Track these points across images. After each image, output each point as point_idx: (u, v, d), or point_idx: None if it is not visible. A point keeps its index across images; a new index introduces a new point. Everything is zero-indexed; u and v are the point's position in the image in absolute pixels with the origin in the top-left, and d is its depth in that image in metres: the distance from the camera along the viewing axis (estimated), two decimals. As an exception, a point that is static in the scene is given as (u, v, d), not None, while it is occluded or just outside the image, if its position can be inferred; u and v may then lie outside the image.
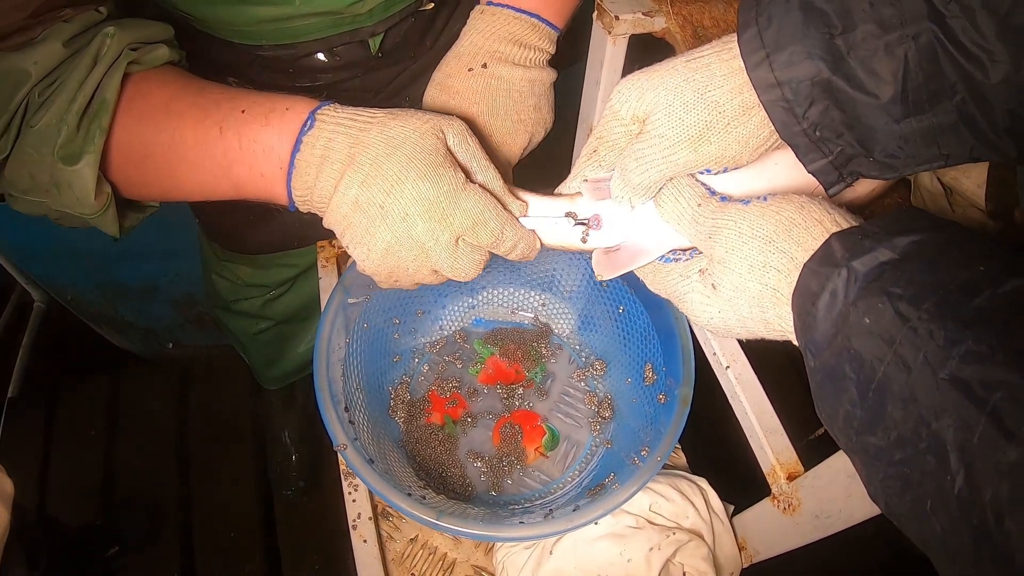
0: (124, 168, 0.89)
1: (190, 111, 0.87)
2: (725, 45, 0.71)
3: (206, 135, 0.86)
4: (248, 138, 0.84)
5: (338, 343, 1.09)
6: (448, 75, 1.02)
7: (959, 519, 0.47)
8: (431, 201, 0.80)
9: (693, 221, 0.75)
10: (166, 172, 0.90)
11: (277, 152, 0.84)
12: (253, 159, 0.85)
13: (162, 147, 0.87)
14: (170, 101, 0.88)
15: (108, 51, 0.85)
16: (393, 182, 0.79)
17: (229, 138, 0.85)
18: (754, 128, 0.71)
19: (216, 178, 0.88)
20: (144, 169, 0.90)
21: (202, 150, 0.86)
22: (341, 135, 0.82)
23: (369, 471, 0.95)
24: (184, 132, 0.86)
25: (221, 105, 0.87)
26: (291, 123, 0.83)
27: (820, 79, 0.64)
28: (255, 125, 0.84)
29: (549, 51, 1.05)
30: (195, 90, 0.90)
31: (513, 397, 1.27)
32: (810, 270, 0.61)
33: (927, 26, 0.58)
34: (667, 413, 1.02)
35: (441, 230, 0.81)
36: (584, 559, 1.01)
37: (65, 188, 0.85)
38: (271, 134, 0.84)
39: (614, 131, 0.78)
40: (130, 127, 0.87)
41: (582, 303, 1.32)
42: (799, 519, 0.95)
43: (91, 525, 2.31)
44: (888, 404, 0.53)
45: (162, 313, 2.52)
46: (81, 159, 0.83)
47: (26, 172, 0.85)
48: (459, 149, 0.85)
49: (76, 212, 0.87)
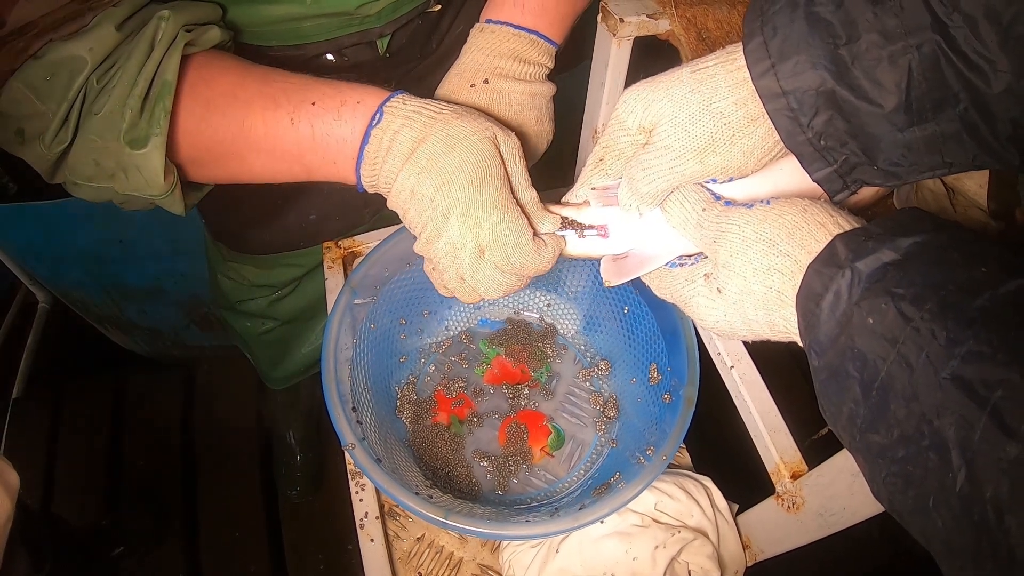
0: (192, 152, 0.93)
1: (258, 99, 0.91)
2: (730, 56, 0.71)
3: (277, 125, 0.90)
4: (321, 131, 0.89)
5: (345, 343, 1.09)
6: (451, 91, 1.03)
7: (960, 516, 0.48)
8: (469, 204, 0.83)
9: (698, 226, 0.75)
10: (236, 158, 0.94)
11: (350, 143, 0.89)
12: (326, 150, 0.90)
13: (231, 134, 0.91)
14: (235, 88, 0.91)
15: (164, 34, 0.87)
16: (444, 179, 0.83)
17: (302, 129, 0.89)
18: (759, 139, 0.71)
19: (289, 165, 0.93)
20: (214, 154, 0.94)
21: (273, 139, 0.91)
22: (407, 128, 0.86)
23: (377, 470, 0.95)
24: (254, 120, 0.90)
25: (291, 96, 0.90)
26: (362, 116, 0.88)
27: (825, 89, 0.64)
28: (328, 118, 0.89)
29: (548, 66, 1.06)
30: (259, 77, 0.93)
31: (519, 397, 1.27)
32: (814, 271, 0.62)
33: (930, 36, 0.59)
34: (672, 413, 1.03)
35: (469, 236, 0.84)
36: (590, 557, 1.02)
37: (133, 172, 0.87)
38: (343, 127, 0.89)
39: (620, 141, 0.79)
40: (196, 113, 0.90)
41: (587, 303, 1.33)
42: (803, 518, 0.95)
43: (96, 525, 2.31)
44: (891, 402, 0.53)
45: (167, 314, 2.52)
46: (148, 142, 0.86)
47: (91, 159, 0.87)
48: (509, 163, 0.88)
49: (144, 194, 0.89)
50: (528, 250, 0.85)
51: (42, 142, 0.86)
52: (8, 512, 1.03)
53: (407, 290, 1.24)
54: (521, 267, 0.86)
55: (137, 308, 2.47)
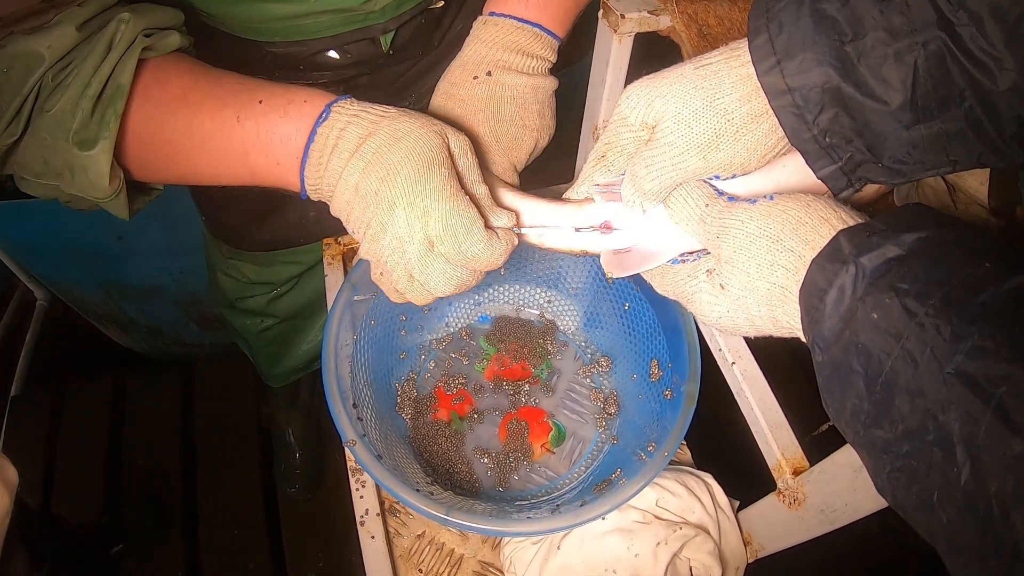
0: (140, 153, 0.91)
1: (208, 100, 0.89)
2: (733, 52, 0.71)
3: (223, 124, 0.88)
4: (266, 128, 0.87)
5: (345, 340, 1.09)
6: (453, 84, 1.03)
7: (965, 511, 0.48)
8: (415, 194, 0.81)
9: (701, 221, 0.75)
10: (184, 158, 0.91)
11: (294, 142, 0.86)
12: (270, 148, 0.87)
13: (179, 134, 0.89)
14: (187, 90, 0.90)
15: (123, 37, 0.86)
16: (389, 170, 0.81)
17: (247, 127, 0.87)
18: (762, 135, 0.71)
19: (233, 164, 0.90)
20: (161, 155, 0.92)
21: (220, 138, 0.89)
22: (353, 126, 0.84)
23: (378, 467, 0.95)
24: (202, 120, 0.88)
25: (239, 95, 0.89)
26: (308, 115, 0.86)
27: (830, 86, 0.64)
28: (274, 116, 0.87)
29: (551, 60, 1.06)
30: (212, 79, 0.92)
31: (519, 394, 1.27)
32: (818, 266, 0.62)
33: (936, 34, 0.59)
34: (673, 409, 1.03)
35: (417, 227, 0.81)
36: (591, 554, 1.02)
37: (79, 172, 0.85)
38: (289, 125, 0.86)
39: (623, 137, 0.79)
40: (147, 114, 0.89)
41: (588, 300, 1.33)
42: (804, 514, 0.95)
43: (96, 523, 2.31)
44: (895, 398, 0.53)
45: (166, 312, 2.52)
46: (96, 144, 0.84)
47: (40, 156, 0.86)
48: (459, 158, 0.87)
49: (89, 196, 0.88)
50: (480, 239, 0.82)
51: None
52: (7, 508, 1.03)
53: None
54: (472, 258, 0.83)
55: (136, 306, 2.47)
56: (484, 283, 1.32)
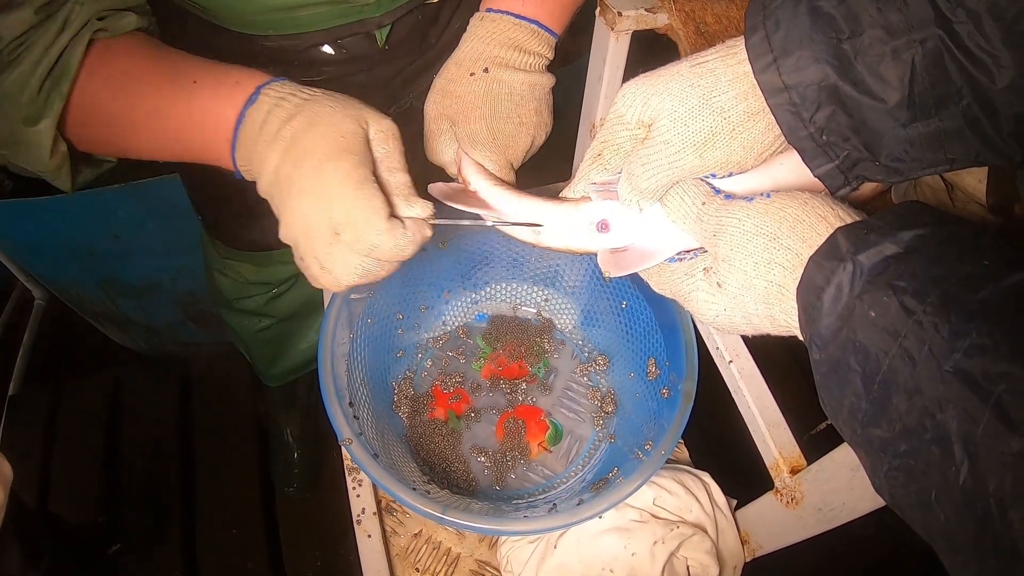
0: (82, 129, 0.93)
1: (147, 80, 0.91)
2: (730, 50, 0.71)
3: (159, 104, 0.91)
4: (199, 109, 0.89)
5: (342, 338, 1.09)
6: (450, 80, 1.03)
7: (963, 510, 0.48)
8: (321, 181, 0.81)
9: (698, 220, 0.75)
10: (123, 135, 0.94)
11: (224, 124, 0.88)
12: (202, 130, 0.90)
13: (119, 113, 0.91)
14: (129, 69, 0.92)
15: (76, 19, 0.87)
16: (301, 155, 0.82)
17: (180, 108, 0.90)
18: (759, 134, 0.71)
19: (169, 143, 0.94)
20: (103, 132, 0.94)
21: (156, 118, 0.91)
22: (279, 109, 0.86)
23: (374, 465, 0.95)
24: (140, 99, 0.91)
25: (176, 75, 0.91)
26: (238, 97, 0.88)
27: (827, 83, 0.64)
28: (205, 97, 0.89)
29: (548, 56, 1.06)
30: (155, 58, 0.93)
31: (516, 392, 1.27)
32: (815, 264, 0.62)
33: (934, 31, 0.58)
34: (670, 408, 1.03)
35: (320, 215, 0.82)
36: (588, 553, 1.01)
37: (24, 146, 0.89)
38: (219, 106, 0.88)
39: (619, 135, 0.78)
40: (91, 92, 0.90)
41: (585, 298, 1.32)
42: (802, 513, 0.95)
43: (93, 522, 2.30)
44: (893, 396, 0.53)
45: (163, 310, 2.51)
46: (40, 122, 0.87)
47: None
48: (378, 145, 0.87)
49: (33, 169, 0.92)
50: (380, 229, 0.81)
51: None
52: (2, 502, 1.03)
53: (404, 285, 1.24)
54: (373, 248, 0.82)
55: (133, 304, 2.47)
56: (481, 281, 1.32)
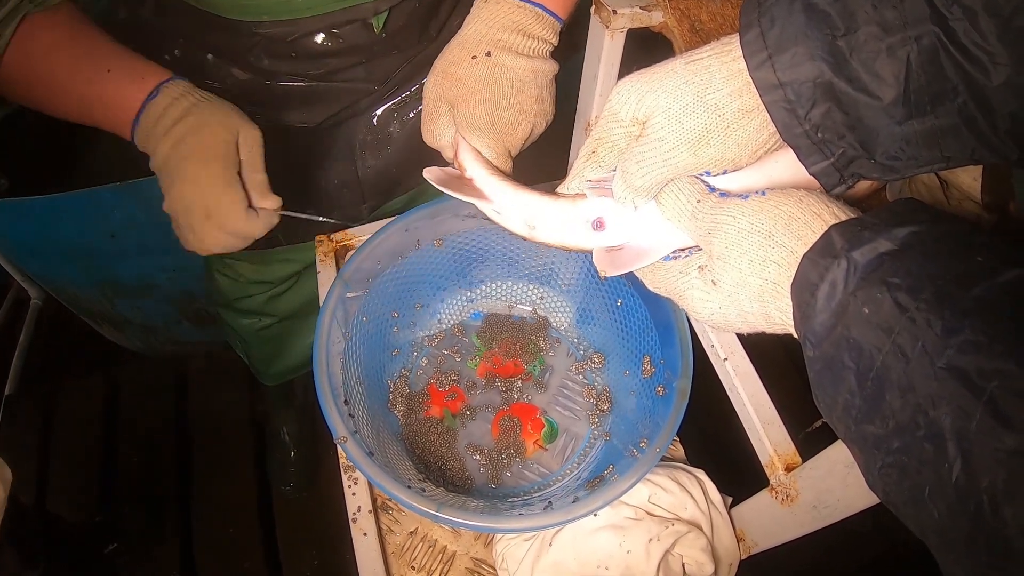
0: (10, 90, 1.10)
1: (67, 58, 1.08)
2: (724, 47, 0.70)
3: (74, 82, 1.08)
4: (110, 95, 1.08)
5: (337, 337, 1.09)
6: (451, 62, 1.02)
7: (956, 507, 0.48)
8: (200, 178, 1.04)
9: (693, 217, 0.75)
10: (44, 101, 1.12)
11: (128, 110, 1.07)
12: (111, 111, 1.08)
13: (41, 83, 1.09)
14: (52, 46, 1.08)
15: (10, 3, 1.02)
16: (186, 154, 1.04)
17: (94, 90, 1.08)
18: (753, 131, 0.71)
19: (82, 115, 1.12)
20: (26, 95, 1.12)
21: (71, 93, 1.09)
22: (173, 108, 1.06)
23: (369, 463, 0.95)
24: (59, 75, 1.08)
25: (93, 59, 1.09)
26: (143, 90, 1.07)
27: (822, 80, 0.63)
28: (116, 86, 1.08)
29: (552, 42, 1.04)
30: (76, 38, 1.10)
31: (512, 390, 1.27)
32: (809, 261, 0.61)
33: (929, 28, 0.58)
34: (665, 405, 1.03)
35: (197, 201, 1.05)
36: (583, 551, 1.01)
37: None
38: (126, 96, 1.07)
39: (613, 132, 0.78)
40: (17, 62, 1.07)
41: (580, 296, 1.32)
42: (797, 510, 0.95)
43: (90, 522, 2.31)
44: (886, 393, 0.53)
45: (160, 309, 2.50)
46: None
47: None
48: (244, 148, 1.09)
49: None
50: (240, 218, 1.06)
51: None
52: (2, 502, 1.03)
53: (399, 283, 1.24)
54: (234, 230, 1.07)
55: (129, 304, 2.46)
56: (476, 279, 1.32)
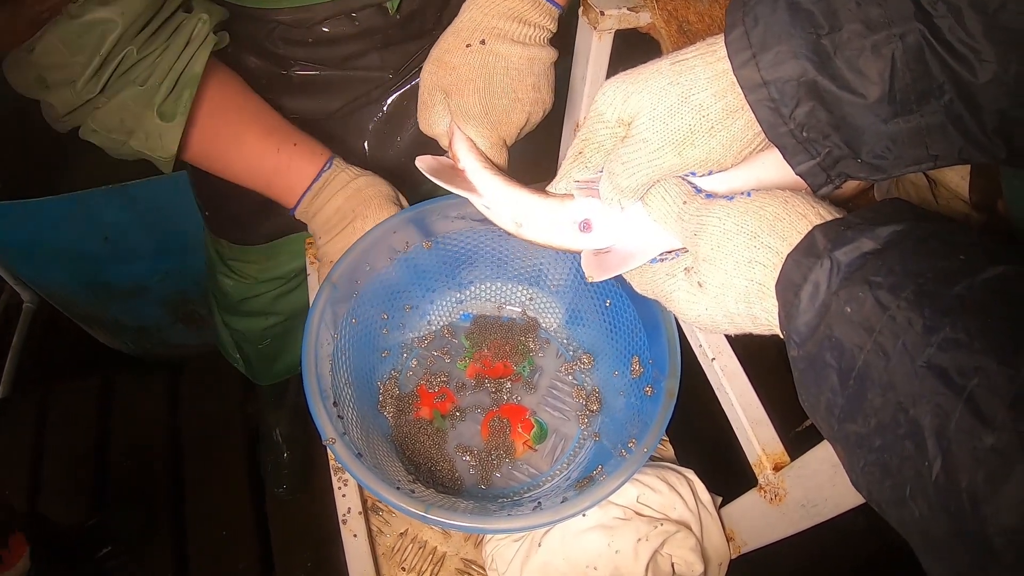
0: (194, 138, 1.18)
1: (256, 123, 1.23)
2: (710, 47, 0.70)
3: (265, 147, 1.23)
4: (296, 163, 1.24)
5: (326, 338, 1.09)
6: (445, 51, 1.01)
7: (937, 506, 0.48)
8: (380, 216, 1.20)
9: (679, 219, 0.75)
10: (221, 156, 1.23)
11: (305, 178, 1.23)
12: (290, 175, 1.24)
13: (226, 138, 1.21)
14: (240, 107, 1.22)
15: (199, 33, 1.11)
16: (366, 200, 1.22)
17: (282, 158, 1.23)
18: (738, 131, 0.70)
19: (256, 176, 1.25)
20: (208, 146, 1.22)
21: (257, 155, 1.23)
22: (345, 173, 1.24)
23: (358, 465, 0.95)
24: (248, 137, 1.22)
25: (280, 131, 1.25)
26: (318, 163, 1.25)
27: (806, 79, 0.63)
28: (300, 157, 1.24)
29: (550, 29, 1.04)
30: (259, 106, 1.25)
31: (501, 391, 1.27)
32: (793, 261, 0.61)
33: (914, 26, 0.58)
34: (653, 405, 1.02)
35: None
36: (572, 551, 1.01)
37: (154, 136, 1.11)
38: (305, 166, 1.24)
39: (599, 133, 0.78)
40: (211, 113, 1.18)
41: (569, 297, 1.32)
42: (786, 509, 0.95)
43: (83, 525, 2.31)
44: (868, 392, 0.53)
45: (152, 312, 2.51)
46: (175, 118, 1.11)
47: (119, 117, 1.08)
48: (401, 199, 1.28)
49: (155, 155, 1.13)
50: None
51: (72, 88, 1.03)
52: None
53: (389, 285, 1.23)
54: None
55: (122, 307, 2.46)
56: (466, 281, 1.32)
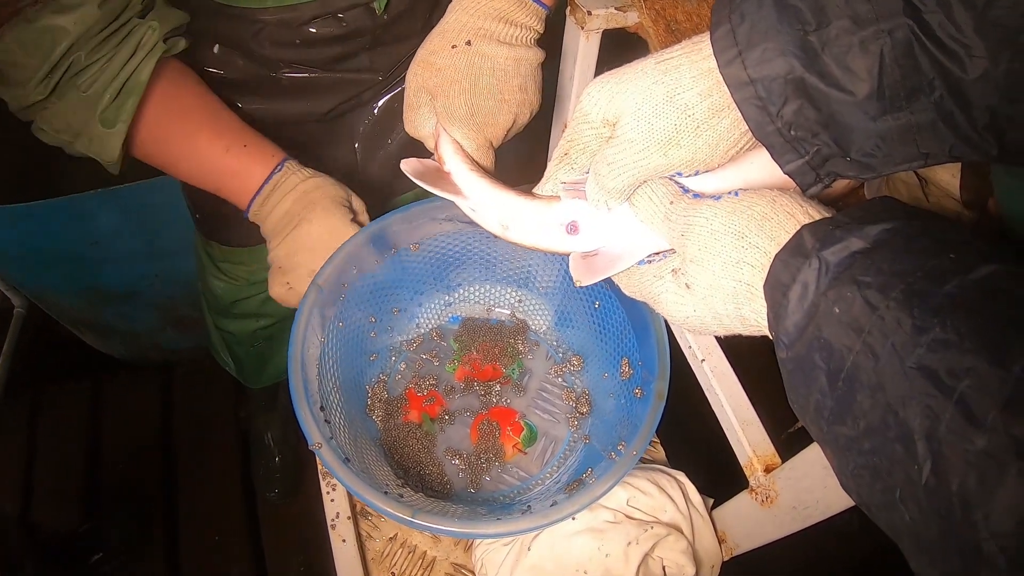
0: (143, 143, 1.18)
1: (207, 125, 1.21)
2: (695, 45, 0.69)
3: (214, 150, 1.21)
4: (245, 165, 1.22)
5: (313, 341, 1.08)
6: (431, 52, 1.00)
7: (927, 509, 0.47)
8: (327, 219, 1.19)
9: (666, 219, 0.74)
10: (173, 159, 1.23)
11: (255, 180, 1.22)
12: (241, 178, 1.22)
13: (177, 141, 1.20)
14: (192, 108, 1.21)
15: (148, 41, 1.10)
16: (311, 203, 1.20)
17: (230, 160, 1.21)
18: (724, 131, 0.69)
19: (208, 178, 1.24)
20: (158, 150, 1.21)
21: (207, 157, 1.21)
22: (296, 175, 1.22)
23: (344, 470, 0.94)
24: (199, 139, 1.20)
25: (230, 132, 1.23)
26: (269, 164, 1.22)
27: (794, 76, 0.62)
28: (251, 159, 1.22)
29: (537, 29, 1.02)
30: (212, 107, 1.24)
31: (490, 394, 1.26)
32: (781, 261, 0.61)
33: (903, 21, 0.57)
34: (643, 407, 1.01)
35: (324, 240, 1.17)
36: (562, 555, 1.01)
37: (97, 141, 1.11)
38: (258, 167, 1.22)
39: (584, 134, 0.77)
40: (157, 116, 1.16)
41: (559, 299, 1.32)
42: (777, 511, 0.95)
43: (75, 531, 2.30)
44: (857, 393, 0.52)
45: (144, 316, 2.50)
46: (116, 125, 1.11)
47: (65, 120, 1.10)
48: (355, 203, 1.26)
49: (99, 158, 1.14)
50: None
51: (23, 88, 1.05)
52: None
53: (376, 287, 1.23)
54: None
55: (113, 311, 2.45)
56: (454, 283, 1.32)
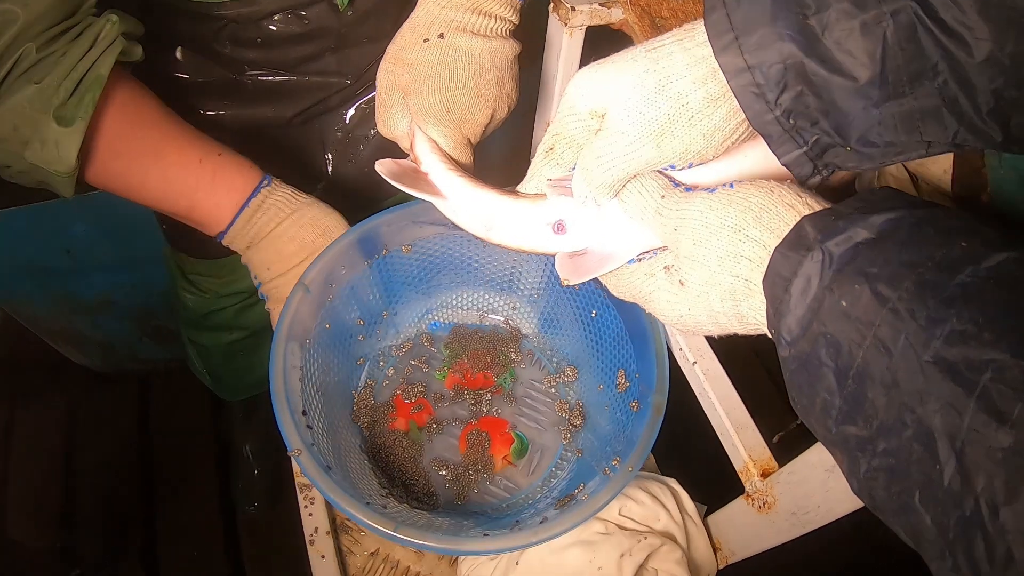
0: (104, 159, 1.05)
1: (176, 136, 1.11)
2: (688, 32, 0.67)
3: (187, 159, 1.10)
4: (221, 176, 1.12)
5: (297, 343, 1.05)
6: (402, 47, 0.97)
7: (950, 511, 0.45)
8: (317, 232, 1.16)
9: (657, 214, 0.71)
10: (139, 175, 1.09)
11: (240, 192, 1.13)
12: (217, 191, 1.12)
13: (142, 152, 1.08)
14: (160, 119, 1.10)
15: (108, 34, 1.00)
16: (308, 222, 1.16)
17: (205, 170, 1.11)
18: (720, 121, 0.67)
19: (178, 194, 1.12)
20: (122, 165, 1.08)
21: (178, 169, 1.10)
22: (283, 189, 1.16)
23: (324, 478, 0.91)
24: (169, 149, 1.09)
25: (202, 142, 1.13)
26: (255, 177, 1.14)
27: (793, 62, 0.60)
28: (230, 168, 1.13)
29: (512, 20, 0.99)
30: (178, 120, 1.13)
31: (481, 403, 1.23)
32: (781, 255, 0.58)
33: (906, 3, 0.54)
34: (639, 422, 0.99)
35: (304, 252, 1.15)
36: (552, 569, 0.98)
37: (51, 145, 0.98)
38: (239, 178, 1.13)
39: (571, 127, 0.74)
40: (120, 127, 1.05)
41: (553, 307, 1.29)
42: (775, 517, 0.93)
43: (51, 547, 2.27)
44: (868, 391, 0.50)
45: (119, 327, 2.48)
46: (74, 123, 0.98)
47: (12, 122, 0.96)
48: None
49: (50, 168, 0.99)
50: None
51: None
52: None
53: (365, 289, 1.20)
54: None
55: (88, 321, 2.43)
56: (446, 288, 1.30)
